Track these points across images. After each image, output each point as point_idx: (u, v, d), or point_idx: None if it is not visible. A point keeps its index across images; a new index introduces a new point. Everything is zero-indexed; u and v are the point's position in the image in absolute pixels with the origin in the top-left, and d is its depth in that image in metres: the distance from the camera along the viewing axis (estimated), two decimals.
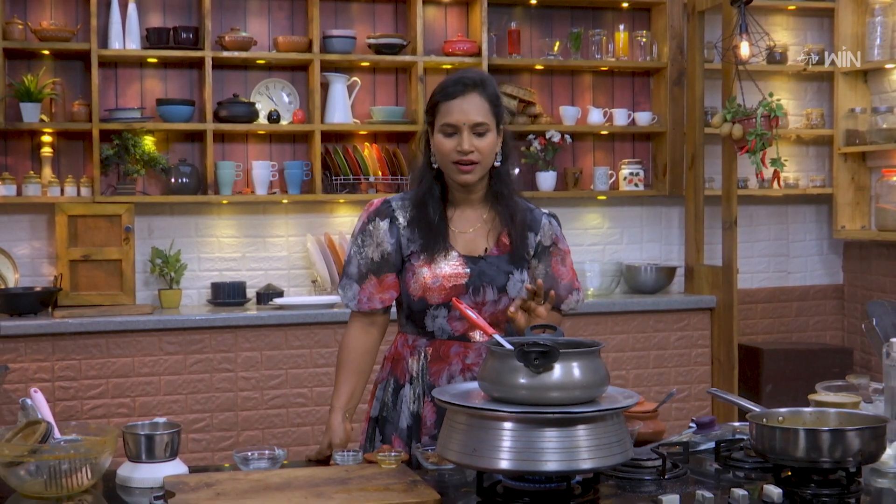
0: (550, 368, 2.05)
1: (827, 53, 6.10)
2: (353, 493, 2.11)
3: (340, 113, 5.40)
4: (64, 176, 5.18)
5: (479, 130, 2.63)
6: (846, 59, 5.98)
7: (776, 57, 6.01)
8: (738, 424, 2.64)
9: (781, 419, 2.33)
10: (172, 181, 5.24)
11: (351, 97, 5.47)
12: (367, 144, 5.48)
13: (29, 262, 5.21)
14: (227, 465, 2.48)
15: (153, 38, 5.20)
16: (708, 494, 2.05)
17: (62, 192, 5.10)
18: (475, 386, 2.23)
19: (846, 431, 2.14)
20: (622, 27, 5.84)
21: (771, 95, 5.22)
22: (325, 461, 2.56)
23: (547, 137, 5.62)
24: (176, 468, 2.31)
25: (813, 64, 6.06)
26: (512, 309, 2.57)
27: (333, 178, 5.38)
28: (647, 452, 2.38)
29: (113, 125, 5.11)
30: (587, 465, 2.03)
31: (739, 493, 2.07)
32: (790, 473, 2.21)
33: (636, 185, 5.82)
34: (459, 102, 2.62)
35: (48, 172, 5.15)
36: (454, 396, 2.16)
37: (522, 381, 2.05)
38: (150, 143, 5.20)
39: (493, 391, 2.10)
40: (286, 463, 2.46)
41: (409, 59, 5.44)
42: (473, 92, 2.63)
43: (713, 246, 5.84)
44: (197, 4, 5.34)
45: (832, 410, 2.33)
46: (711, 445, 2.52)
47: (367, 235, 2.73)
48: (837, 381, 2.83)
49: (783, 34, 6.19)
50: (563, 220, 5.66)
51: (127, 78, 5.32)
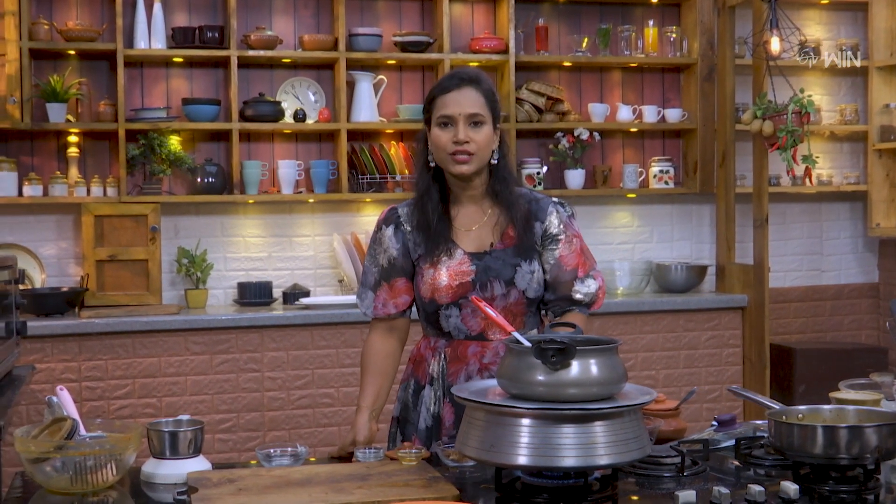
0: (568, 365, 2.10)
1: (861, 48, 6.12)
2: (372, 488, 2.18)
3: (367, 111, 5.48)
4: (90, 176, 5.28)
5: (474, 120, 2.71)
6: (881, 52, 5.99)
7: (809, 52, 6.03)
8: (759, 423, 2.68)
9: (801, 416, 2.37)
10: (198, 181, 5.33)
11: (377, 95, 5.54)
12: (393, 143, 5.56)
13: (55, 262, 5.32)
14: (253, 462, 2.56)
15: (178, 37, 5.30)
16: (724, 490, 2.10)
17: (88, 192, 5.21)
18: (494, 383, 2.30)
19: (864, 428, 2.19)
20: (651, 23, 5.87)
21: (802, 91, 5.25)
22: (348, 458, 2.64)
23: (575, 135, 5.67)
24: (199, 465, 2.39)
25: (847, 58, 6.07)
26: None
27: (360, 177, 5.46)
28: (666, 450, 2.43)
29: (139, 125, 5.21)
30: (604, 461, 2.09)
31: (756, 489, 2.12)
32: (809, 471, 2.26)
33: (666, 182, 5.86)
34: (455, 95, 2.72)
35: (74, 173, 5.26)
36: (473, 393, 2.23)
37: (540, 377, 2.11)
38: (175, 142, 5.30)
39: (511, 388, 2.17)
40: (313, 460, 2.53)
41: (435, 56, 5.51)
42: (469, 86, 2.73)
43: (745, 244, 5.87)
44: (222, 3, 5.43)
45: (851, 408, 2.37)
46: (732, 443, 2.58)
47: (376, 244, 2.86)
48: (861, 379, 2.87)
49: (816, 29, 6.21)
50: (591, 218, 5.82)
51: (152, 78, 5.43)
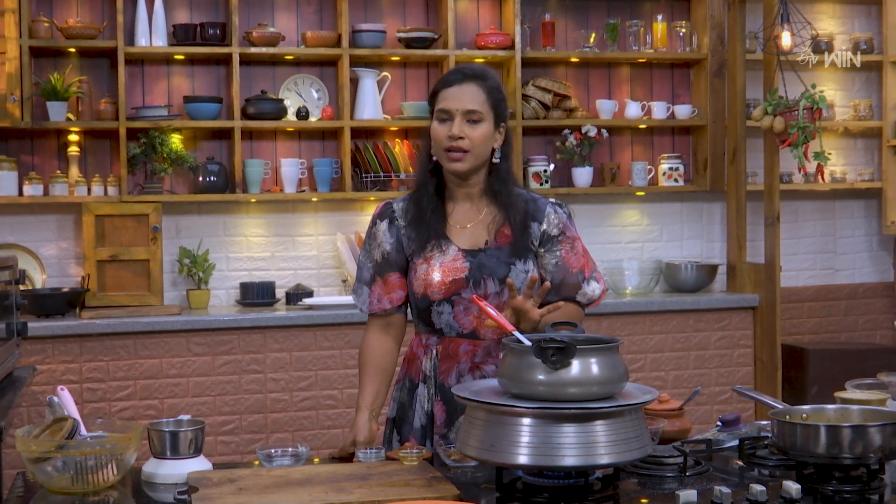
0: (568, 365, 2.15)
1: (875, 42, 6.15)
2: (373, 488, 2.23)
3: (370, 109, 5.53)
4: (91, 175, 5.34)
5: (471, 118, 2.75)
6: None
7: (821, 46, 6.06)
8: (764, 423, 2.72)
9: (805, 416, 2.42)
10: (200, 180, 5.38)
11: (381, 92, 5.59)
12: (397, 141, 5.60)
13: (56, 262, 5.38)
14: (256, 462, 2.61)
15: (180, 34, 5.35)
16: (726, 490, 2.14)
17: (89, 191, 5.26)
18: (494, 383, 2.34)
19: (867, 427, 2.23)
20: (660, 17, 5.91)
21: (814, 87, 5.28)
22: (348, 459, 2.69)
23: (583, 132, 5.71)
24: (200, 465, 2.44)
25: (847, 60, 6.10)
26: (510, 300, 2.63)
27: (364, 175, 5.51)
28: (669, 450, 2.48)
29: (140, 123, 5.27)
30: (605, 460, 2.13)
31: (758, 488, 2.16)
32: (813, 471, 2.31)
33: (676, 180, 5.90)
34: (455, 90, 2.76)
35: (75, 172, 5.31)
36: (473, 393, 2.27)
37: (540, 377, 2.16)
38: (177, 141, 5.35)
39: (511, 387, 2.21)
40: (316, 461, 2.58)
41: (440, 52, 5.56)
42: (472, 82, 2.77)
43: (756, 243, 5.90)
44: (224, 0, 5.48)
45: (856, 407, 2.41)
46: (736, 443, 2.62)
47: (371, 238, 2.91)
48: (869, 379, 2.91)
49: (829, 23, 6.24)
50: (599, 216, 5.86)
51: (154, 75, 5.48)
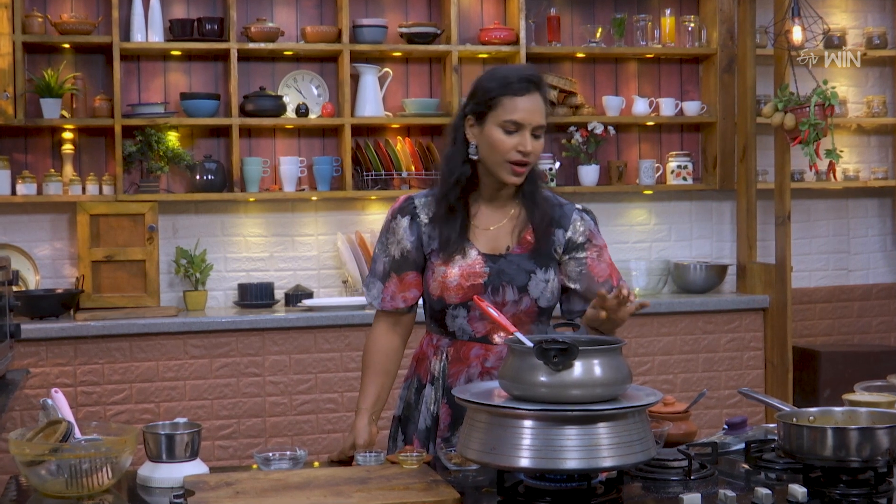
0: (570, 366, 2.18)
1: (889, 37, 6.17)
2: (372, 492, 2.25)
3: (371, 106, 5.55)
4: (85, 174, 5.37)
5: (537, 133, 2.76)
6: None
7: (834, 41, 6.08)
8: (771, 426, 2.75)
9: (812, 419, 2.44)
10: (197, 178, 5.41)
11: (382, 89, 5.61)
12: (399, 138, 5.63)
13: (50, 263, 5.41)
14: (253, 466, 2.63)
15: (177, 29, 5.37)
16: (731, 493, 2.17)
17: (84, 190, 5.29)
18: (496, 385, 2.37)
19: (875, 430, 2.26)
20: (668, 12, 5.93)
21: (825, 83, 5.30)
22: (347, 462, 2.71)
23: (589, 129, 5.73)
24: (196, 468, 2.47)
25: (875, 47, 6.13)
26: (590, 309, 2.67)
27: (364, 173, 5.53)
28: (674, 453, 2.50)
29: (135, 121, 5.29)
30: (608, 462, 2.16)
31: (763, 492, 2.19)
32: (820, 474, 2.33)
33: (684, 178, 5.92)
34: (527, 101, 2.73)
35: (69, 170, 5.34)
36: (474, 395, 2.30)
37: (542, 378, 2.18)
38: (173, 138, 5.38)
39: (513, 389, 2.24)
40: (316, 465, 2.61)
41: (443, 48, 5.58)
42: (537, 92, 2.75)
43: (767, 243, 5.92)
44: None
45: (863, 409, 2.44)
46: (742, 446, 2.64)
47: (390, 233, 2.89)
48: (878, 381, 2.93)
49: (841, 17, 6.25)
50: (606, 215, 5.88)
51: (150, 71, 5.51)
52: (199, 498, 2.22)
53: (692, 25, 5.95)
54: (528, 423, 2.17)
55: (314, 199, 5.62)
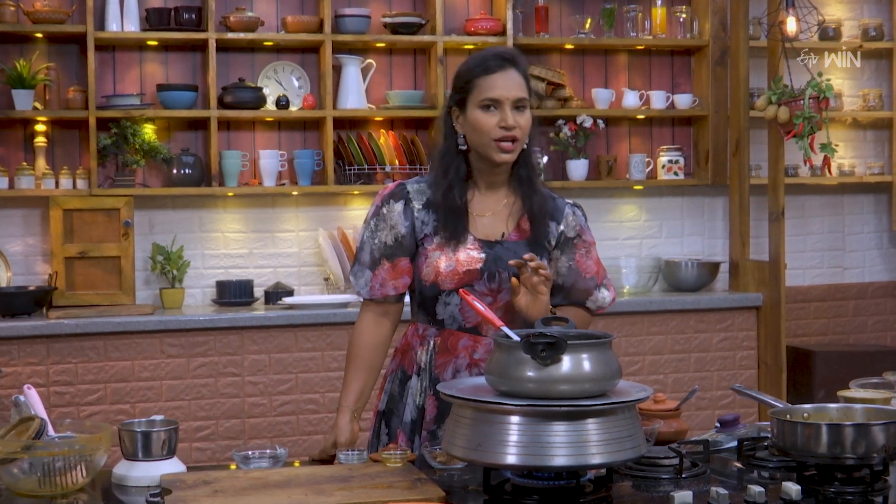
0: (559, 360, 2.18)
1: (886, 28, 6.20)
2: (354, 490, 2.25)
3: (354, 98, 5.55)
4: (59, 167, 5.35)
5: (519, 105, 2.79)
6: None
7: (829, 33, 6.10)
8: (764, 423, 2.76)
9: (806, 415, 2.45)
10: (174, 172, 5.40)
11: (365, 81, 5.62)
12: (382, 131, 5.63)
13: (22, 259, 5.39)
14: (233, 465, 2.63)
15: (153, 19, 5.36)
16: (723, 492, 2.17)
17: (57, 184, 5.28)
18: (482, 380, 2.37)
19: (870, 426, 2.26)
20: (659, 2, 5.94)
21: (820, 75, 5.32)
22: (329, 461, 2.71)
23: (578, 122, 5.74)
24: (173, 467, 2.46)
25: (870, 39, 6.15)
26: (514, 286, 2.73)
27: (347, 167, 5.53)
28: (665, 451, 2.51)
29: (111, 113, 5.28)
30: (597, 460, 2.16)
31: (756, 489, 2.19)
32: (814, 472, 2.34)
33: (676, 173, 5.94)
34: (501, 77, 2.78)
35: (42, 164, 5.33)
36: (460, 390, 2.30)
37: (530, 373, 2.18)
38: (150, 131, 5.37)
39: (499, 385, 2.24)
40: (296, 464, 2.61)
41: (428, 39, 5.59)
42: (512, 67, 2.80)
43: (760, 240, 5.94)
44: None
45: (859, 406, 2.45)
46: (734, 444, 2.65)
47: (380, 219, 2.89)
48: (874, 378, 2.95)
49: (837, 7, 6.27)
50: (595, 211, 5.89)
51: (125, 62, 5.50)
52: (176, 497, 2.22)
53: (684, 16, 5.97)
54: (514, 419, 2.17)
55: (295, 193, 5.62)
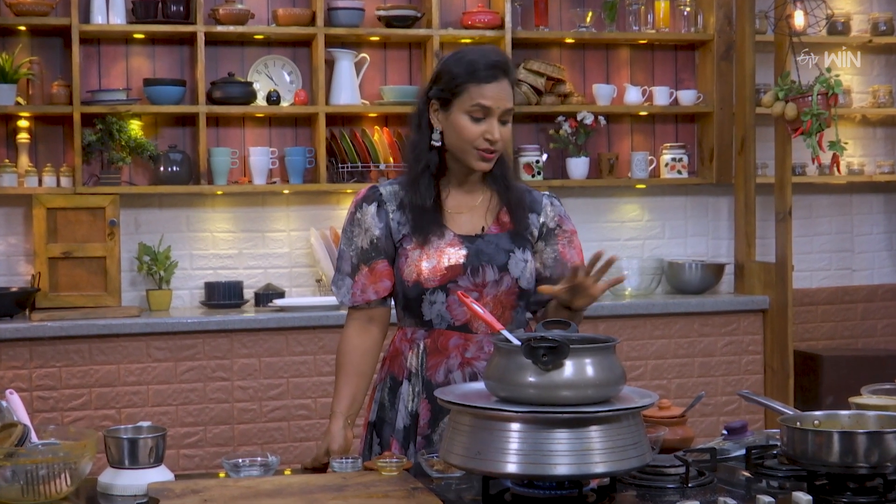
0: (561, 365, 2.16)
1: None
2: (349, 500, 2.24)
3: (347, 93, 5.54)
4: (42, 165, 5.34)
5: (505, 118, 2.83)
6: None
7: (837, 27, 6.09)
8: (774, 431, 2.75)
9: (817, 423, 2.44)
10: (161, 170, 5.39)
11: (359, 76, 5.60)
12: (376, 128, 5.62)
13: (4, 259, 5.38)
14: (222, 473, 2.61)
15: (140, 11, 5.35)
16: (731, 501, 2.16)
17: (40, 182, 5.26)
18: (481, 386, 2.36)
19: (884, 434, 2.25)
20: None
21: (829, 71, 5.31)
22: (322, 469, 2.70)
23: (578, 119, 5.73)
24: (161, 475, 2.44)
25: (880, 33, 6.15)
26: (557, 288, 2.72)
27: (340, 165, 5.52)
28: (670, 459, 2.50)
29: (96, 108, 5.27)
30: (600, 468, 2.15)
31: (765, 499, 2.18)
32: (825, 481, 2.33)
33: (679, 172, 5.93)
34: (494, 88, 2.80)
35: (25, 161, 5.31)
36: (458, 396, 2.29)
37: (531, 379, 2.17)
38: (136, 127, 5.36)
39: (499, 390, 2.23)
40: (287, 472, 2.60)
41: (423, 32, 5.58)
42: (505, 78, 2.83)
43: (766, 240, 5.93)
44: None
45: (872, 413, 2.44)
46: (742, 452, 2.64)
47: (355, 225, 2.92)
48: (887, 384, 2.94)
49: (846, 1, 6.27)
50: (596, 211, 5.89)
51: (111, 56, 5.48)
52: None
53: (688, 10, 5.96)
54: (515, 426, 2.15)
55: (286, 192, 5.61)
